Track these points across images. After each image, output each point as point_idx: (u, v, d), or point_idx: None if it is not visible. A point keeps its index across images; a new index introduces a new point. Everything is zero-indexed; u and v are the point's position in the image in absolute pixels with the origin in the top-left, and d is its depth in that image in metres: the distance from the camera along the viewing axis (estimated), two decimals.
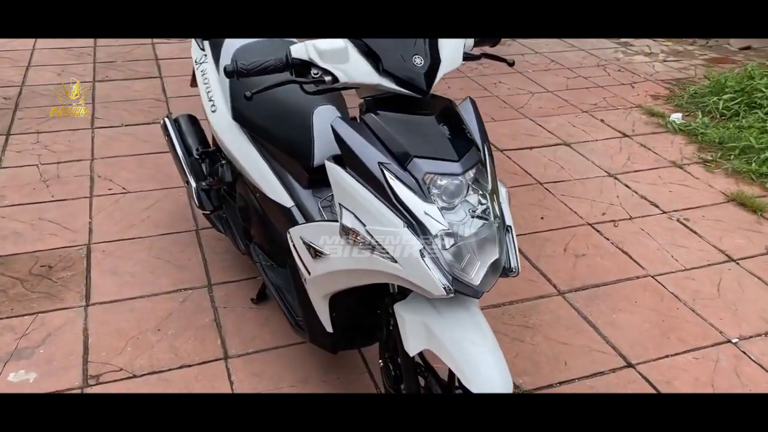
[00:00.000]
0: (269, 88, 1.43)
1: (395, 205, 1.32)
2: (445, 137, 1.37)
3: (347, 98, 1.91)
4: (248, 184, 2.07)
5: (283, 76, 1.43)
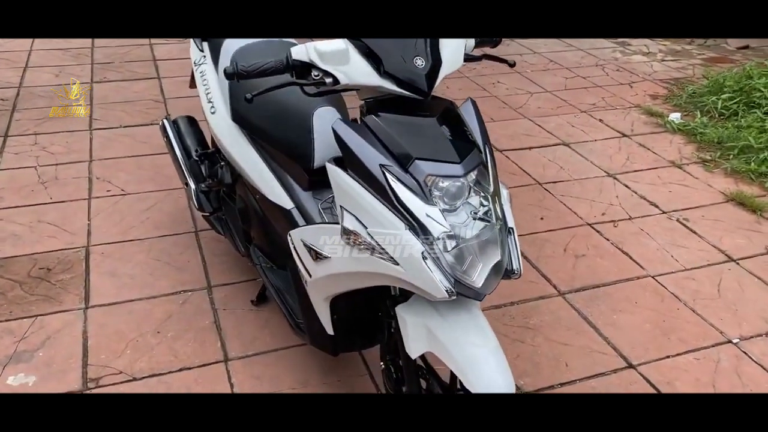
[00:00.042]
0: (270, 90, 1.43)
1: (397, 207, 1.32)
2: (446, 139, 1.37)
3: (347, 99, 1.90)
4: (248, 185, 2.07)
5: (283, 77, 1.43)
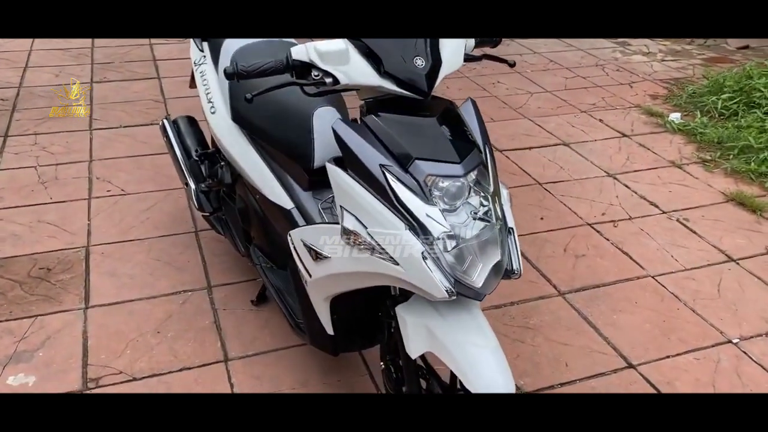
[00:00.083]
0: (270, 90, 1.43)
1: (397, 207, 1.32)
2: (446, 139, 1.37)
3: (347, 99, 1.90)
4: (248, 185, 2.07)
5: (283, 77, 1.43)
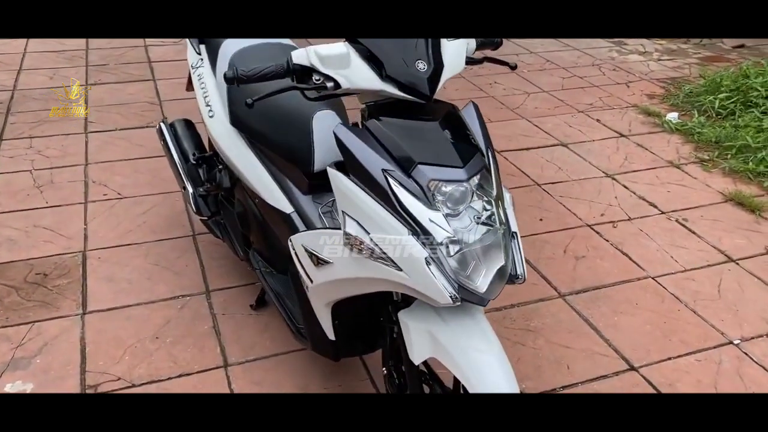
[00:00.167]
0: (271, 95, 1.41)
1: (399, 212, 1.30)
2: (449, 143, 1.36)
3: (347, 101, 1.89)
4: (247, 189, 2.05)
5: (284, 82, 1.41)
